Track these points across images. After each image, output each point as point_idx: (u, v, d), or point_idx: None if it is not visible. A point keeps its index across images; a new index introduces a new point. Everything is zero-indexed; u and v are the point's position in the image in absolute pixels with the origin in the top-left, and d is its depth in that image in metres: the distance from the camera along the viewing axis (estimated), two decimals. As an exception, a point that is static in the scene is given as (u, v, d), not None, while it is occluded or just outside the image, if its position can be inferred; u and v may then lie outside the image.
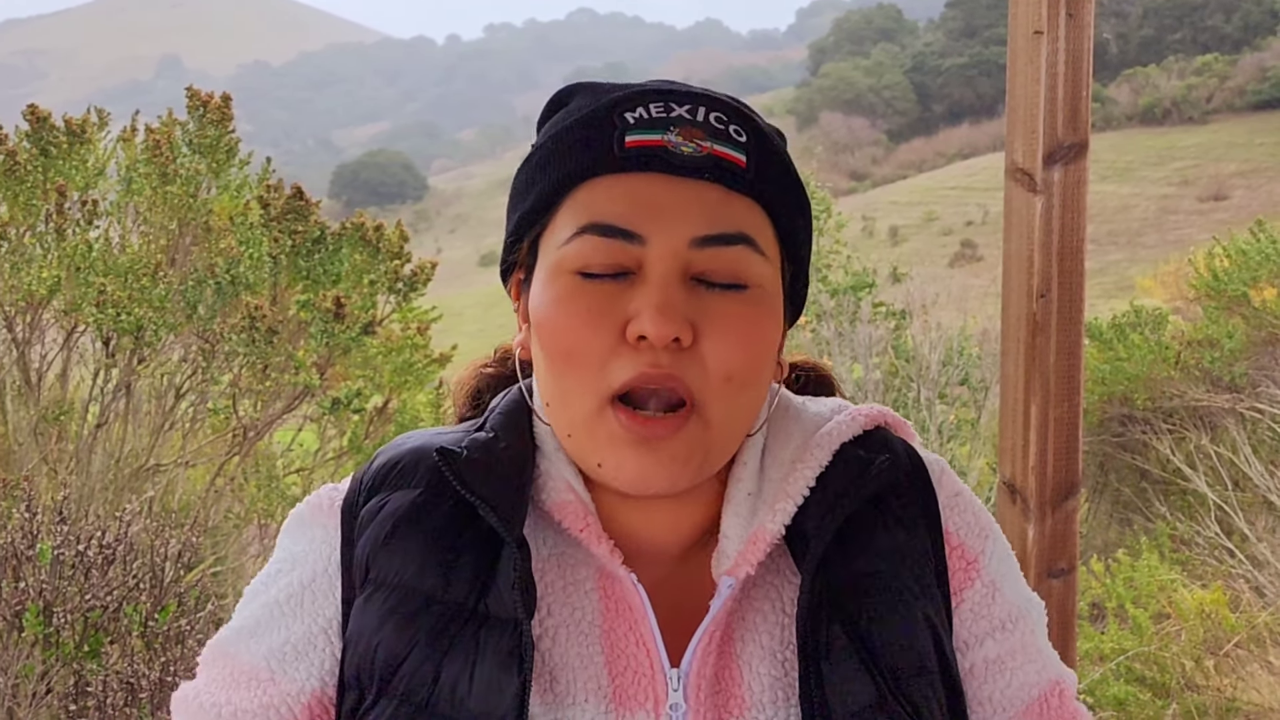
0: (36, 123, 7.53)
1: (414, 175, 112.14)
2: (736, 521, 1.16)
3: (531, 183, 1.16)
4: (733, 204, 1.11)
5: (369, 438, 7.85)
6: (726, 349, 1.08)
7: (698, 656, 1.11)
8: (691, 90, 1.16)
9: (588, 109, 1.15)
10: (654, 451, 1.08)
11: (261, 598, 1.20)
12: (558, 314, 1.09)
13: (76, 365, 7.72)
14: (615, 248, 1.09)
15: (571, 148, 1.13)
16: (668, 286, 1.07)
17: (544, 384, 1.14)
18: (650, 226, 1.08)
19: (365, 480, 1.21)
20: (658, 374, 1.06)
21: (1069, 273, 2.49)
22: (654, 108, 1.12)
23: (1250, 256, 11.92)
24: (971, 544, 1.22)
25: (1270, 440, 9.79)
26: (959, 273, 37.22)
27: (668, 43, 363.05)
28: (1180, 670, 6.72)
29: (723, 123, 1.13)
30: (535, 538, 1.17)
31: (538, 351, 1.14)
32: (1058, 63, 2.47)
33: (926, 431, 9.63)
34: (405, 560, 1.13)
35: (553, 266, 1.12)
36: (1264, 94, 57.23)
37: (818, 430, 1.20)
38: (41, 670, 4.48)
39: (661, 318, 1.05)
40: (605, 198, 1.10)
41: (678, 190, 1.09)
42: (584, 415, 1.09)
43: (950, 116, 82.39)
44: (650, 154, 1.10)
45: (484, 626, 1.10)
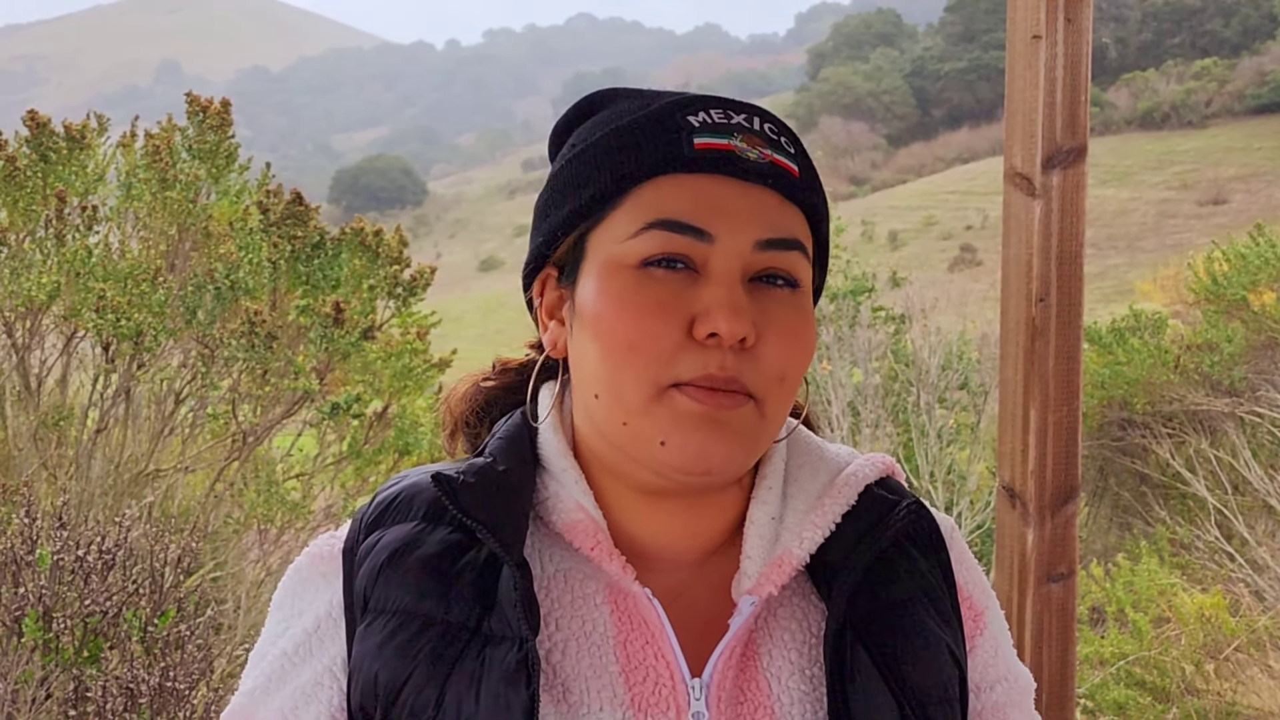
0: (36, 128, 7.53)
1: (413, 180, 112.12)
2: (760, 544, 1.18)
3: (584, 178, 1.17)
4: (787, 211, 1.16)
5: (368, 443, 7.85)
6: (783, 350, 1.12)
7: (719, 669, 1.13)
8: (742, 101, 1.20)
9: (643, 111, 1.18)
10: (721, 426, 1.10)
11: (270, 655, 1.19)
12: (622, 306, 1.11)
13: (76, 371, 7.72)
14: (684, 244, 1.11)
15: (634, 146, 1.15)
16: (735, 287, 1.11)
17: (595, 376, 1.14)
18: (719, 226, 1.12)
19: (364, 520, 1.22)
20: (723, 375, 1.09)
21: (1068, 277, 2.49)
22: (715, 113, 1.16)
23: (1249, 260, 11.93)
24: (978, 599, 1.28)
25: (1270, 444, 9.79)
26: (958, 277, 37.23)
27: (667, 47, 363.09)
28: (1180, 674, 6.72)
29: (775, 133, 1.18)
30: (540, 556, 1.18)
31: (588, 345, 1.14)
32: (1056, 67, 2.48)
33: (926, 436, 9.63)
34: (402, 586, 1.14)
35: (612, 261, 1.13)
36: (1263, 98, 57.27)
37: (840, 470, 1.24)
38: (41, 676, 4.48)
39: (736, 317, 1.09)
40: (674, 195, 1.13)
41: (744, 194, 1.13)
42: (642, 401, 1.11)
43: (949, 121, 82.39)
44: (720, 156, 1.13)
45: (488, 645, 1.10)
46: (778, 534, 1.19)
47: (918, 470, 9.50)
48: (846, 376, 10.14)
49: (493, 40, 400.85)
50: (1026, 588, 2.53)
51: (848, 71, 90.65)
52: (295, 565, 1.25)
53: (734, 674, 1.14)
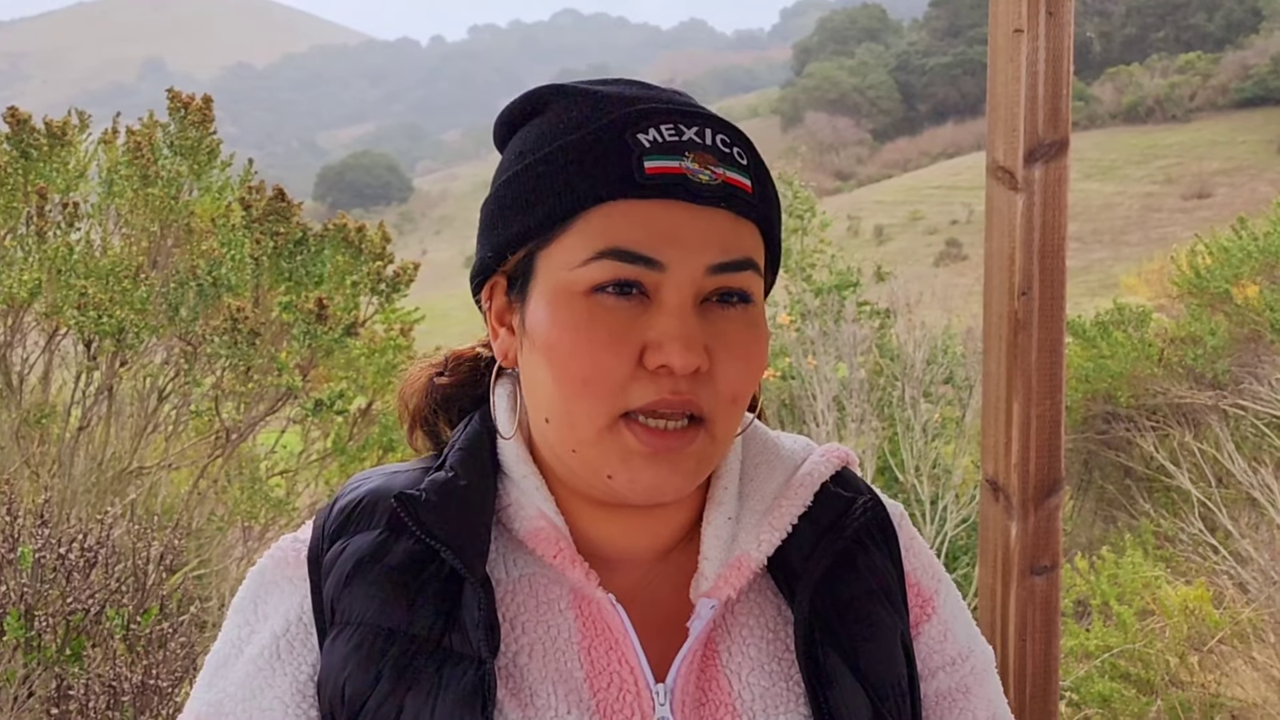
0: (16, 125, 7.49)
1: (399, 177, 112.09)
2: (717, 544, 1.18)
3: (534, 196, 1.15)
4: (740, 230, 1.13)
5: (352, 439, 7.83)
6: (736, 372, 1.11)
7: (681, 672, 1.14)
8: (692, 108, 1.17)
9: (593, 124, 1.14)
10: (668, 463, 1.10)
11: (239, 663, 1.17)
12: (575, 338, 1.10)
13: (58, 368, 7.69)
14: (635, 272, 1.09)
15: (584, 166, 1.12)
16: (687, 316, 1.09)
17: (547, 402, 1.14)
18: (671, 254, 1.09)
19: (327, 527, 1.21)
20: (678, 400, 1.09)
21: (1050, 270, 2.49)
22: (666, 130, 1.13)
23: (1233, 254, 11.96)
24: (927, 584, 1.28)
25: (1253, 437, 9.82)
26: (944, 271, 37.31)
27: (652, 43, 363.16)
28: (1164, 667, 6.74)
29: (728, 146, 1.15)
30: (504, 563, 1.18)
31: (540, 369, 1.13)
32: (1038, 60, 2.47)
33: (911, 430, 9.64)
34: (367, 598, 1.13)
35: (562, 287, 1.11)
36: (1247, 92, 57.51)
37: (796, 468, 1.24)
38: (23, 674, 4.46)
39: (688, 350, 1.07)
40: (626, 224, 1.10)
41: (696, 219, 1.11)
42: (594, 433, 1.10)
43: (935, 116, 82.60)
44: (671, 181, 1.10)
45: (446, 663, 1.10)
46: (735, 534, 1.19)
47: (903, 464, 9.51)
48: (832, 371, 10.14)
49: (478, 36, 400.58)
50: (1010, 581, 2.53)
51: (833, 67, 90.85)
52: (259, 567, 1.23)
53: (695, 675, 1.15)
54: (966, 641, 1.28)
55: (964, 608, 1.31)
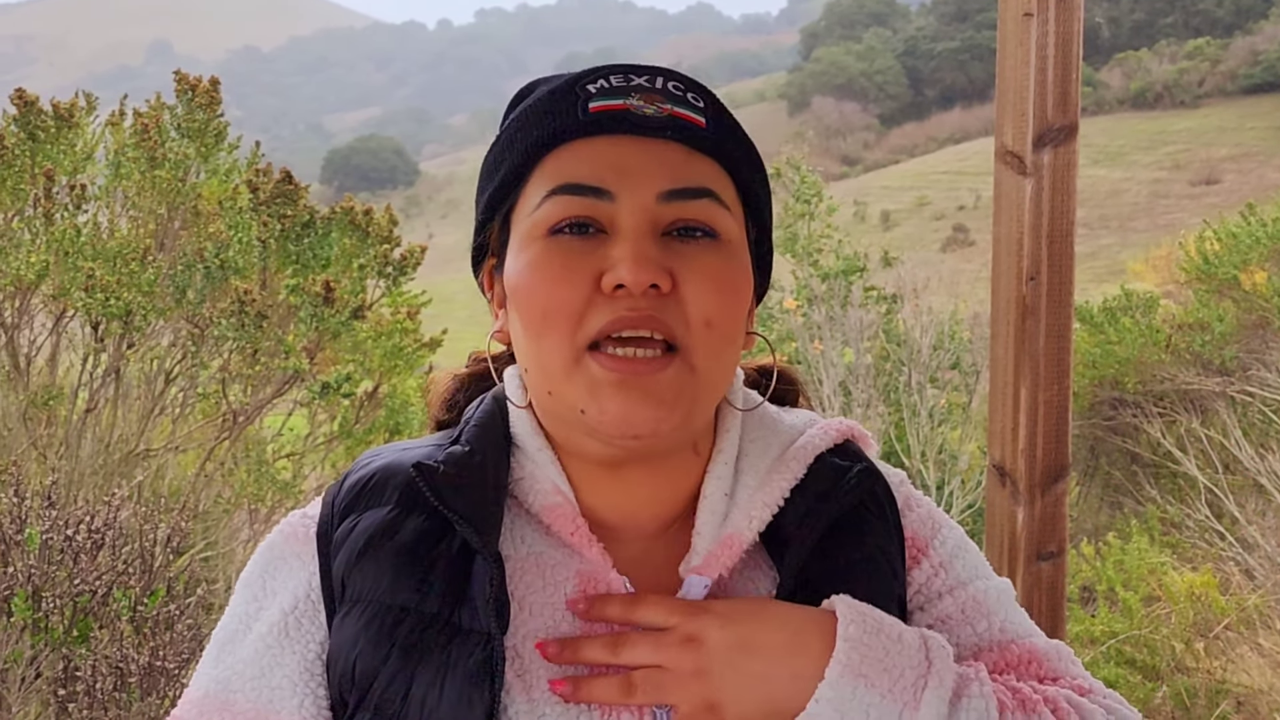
0: (24, 107, 7.49)
1: (405, 160, 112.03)
2: (711, 520, 1.18)
3: (499, 162, 1.20)
4: (695, 162, 1.15)
5: (359, 422, 7.84)
6: (705, 294, 1.11)
7: None
8: (650, 65, 1.20)
9: (549, 89, 1.20)
10: (637, 390, 1.09)
11: (247, 639, 1.18)
12: (532, 275, 1.12)
13: (65, 350, 7.69)
14: (586, 205, 1.12)
15: (537, 121, 1.17)
16: (640, 239, 1.10)
17: (523, 351, 1.15)
18: (619, 184, 1.12)
19: (337, 503, 1.21)
20: (637, 315, 1.09)
21: (1058, 255, 2.49)
22: (614, 78, 1.17)
23: (1241, 240, 11.93)
24: (922, 534, 1.27)
25: (1260, 423, 9.80)
26: (950, 257, 37.24)
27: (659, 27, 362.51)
28: (1170, 653, 6.73)
29: (680, 90, 1.18)
30: (514, 538, 1.18)
31: (515, 321, 1.15)
32: (1047, 45, 2.47)
33: (917, 416, 9.63)
34: (378, 575, 1.14)
35: (525, 234, 1.14)
36: (1255, 78, 57.29)
37: (793, 442, 1.24)
38: (30, 655, 4.47)
39: (638, 265, 1.08)
40: (573, 160, 1.14)
41: (643, 149, 1.14)
42: (562, 367, 1.11)
43: (942, 101, 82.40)
44: (614, 116, 1.14)
45: (456, 639, 1.10)
46: (729, 511, 1.19)
47: (909, 450, 9.51)
48: (838, 356, 10.13)
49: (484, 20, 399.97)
50: (1016, 566, 2.53)
51: (840, 51, 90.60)
52: (268, 542, 1.24)
53: None
54: (965, 574, 1.27)
55: (970, 549, 1.29)
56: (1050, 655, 1.24)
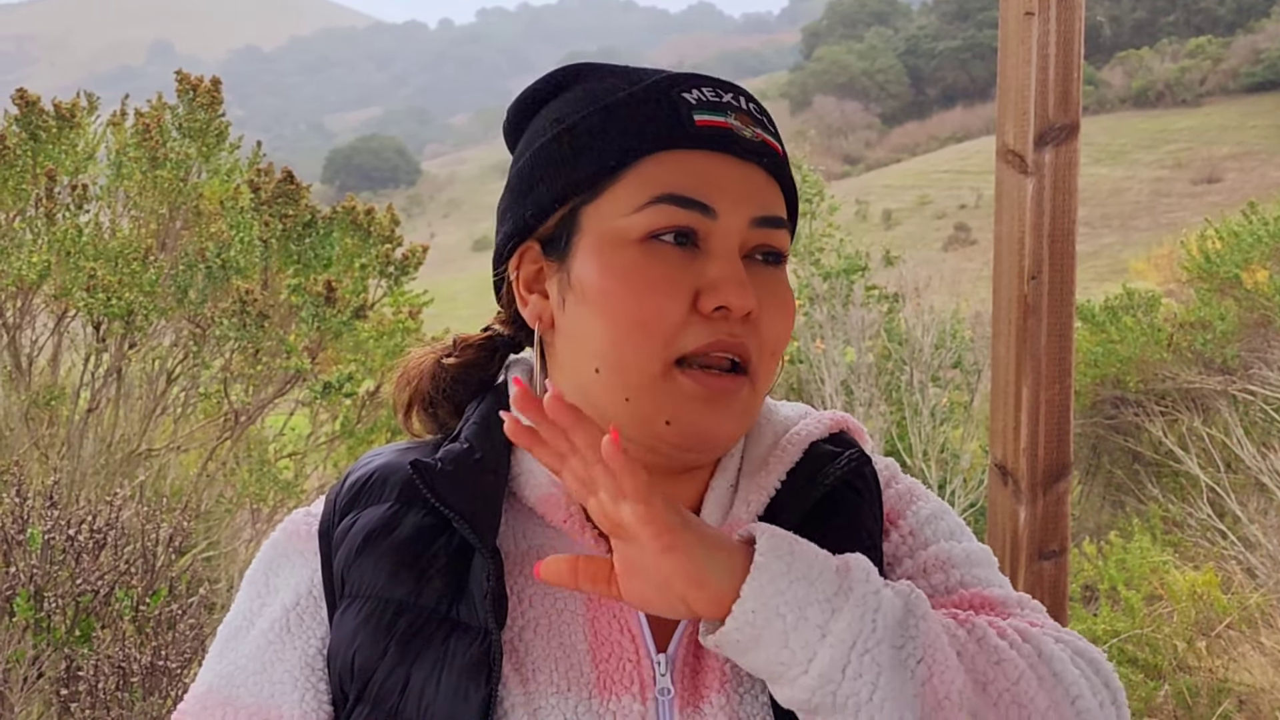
0: (25, 107, 7.49)
1: (407, 160, 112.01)
2: (716, 510, 1.21)
3: (580, 153, 1.18)
4: (773, 189, 1.19)
5: (361, 422, 7.84)
6: (777, 322, 1.17)
7: (682, 641, 1.15)
8: (727, 81, 1.23)
9: (635, 87, 1.19)
10: (723, 408, 1.13)
11: (249, 635, 1.19)
12: (629, 283, 1.13)
13: (67, 350, 7.70)
14: (690, 218, 1.14)
15: (633, 121, 1.17)
16: (737, 261, 1.14)
17: (599, 352, 1.15)
18: (721, 202, 1.14)
19: (338, 501, 1.22)
20: (734, 342, 1.13)
21: (1060, 254, 2.48)
22: (708, 91, 1.19)
23: (1242, 239, 11.94)
24: (897, 507, 1.28)
25: (1262, 422, 9.80)
26: (952, 256, 37.25)
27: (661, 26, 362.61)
28: (1172, 651, 6.74)
29: (759, 113, 1.22)
30: (514, 535, 1.19)
31: (590, 320, 1.15)
32: (1049, 44, 2.47)
33: (919, 415, 9.63)
34: (376, 570, 1.15)
35: (613, 236, 1.15)
36: (1257, 76, 57.23)
37: (788, 430, 1.26)
38: (33, 655, 4.47)
39: (744, 290, 1.12)
40: (678, 171, 1.15)
41: (740, 171, 1.16)
42: (649, 378, 1.13)
43: (944, 100, 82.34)
44: (719, 134, 1.16)
45: (454, 633, 1.11)
46: (732, 500, 1.22)
47: (910, 449, 9.51)
48: (840, 355, 10.13)
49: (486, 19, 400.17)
50: (1018, 565, 2.53)
51: (842, 50, 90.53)
52: (271, 540, 1.25)
53: (694, 644, 1.15)
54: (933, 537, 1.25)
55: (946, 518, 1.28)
56: (1009, 601, 1.21)
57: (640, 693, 1.12)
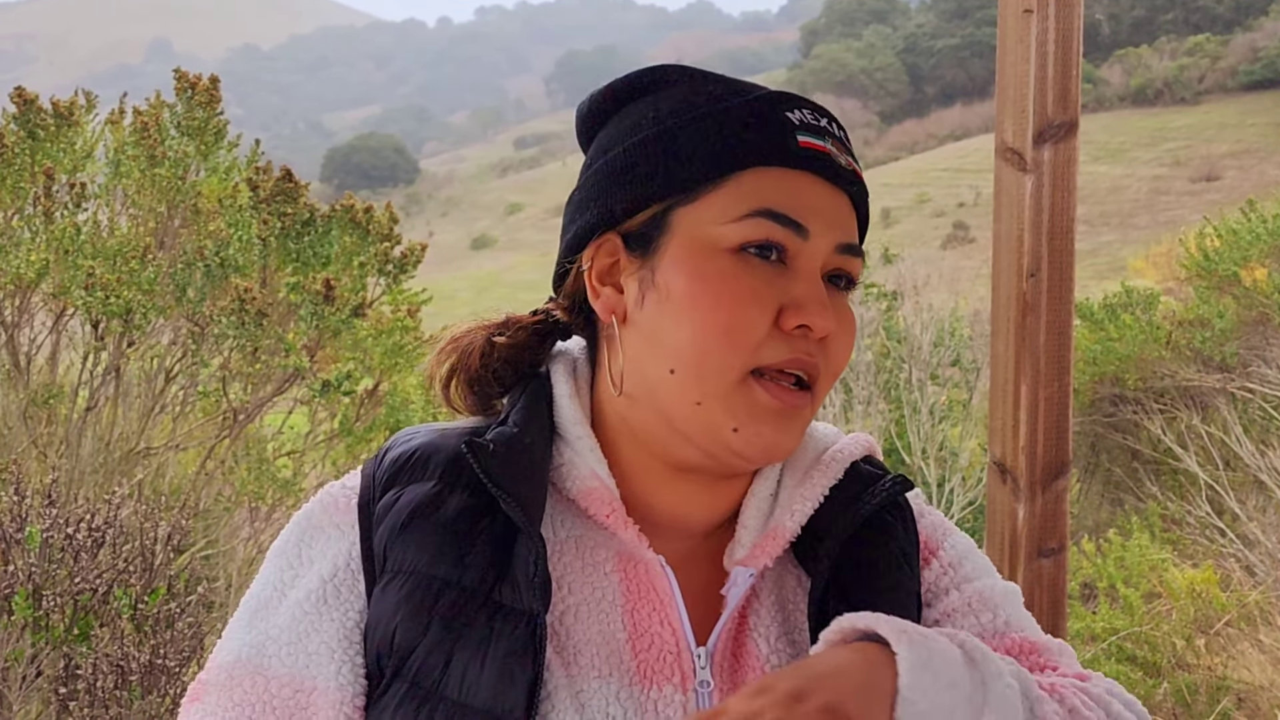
0: (23, 105, 7.49)
1: (405, 159, 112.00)
2: (756, 516, 1.23)
3: (681, 154, 1.19)
4: (854, 218, 1.23)
5: (359, 420, 7.84)
6: (844, 347, 1.20)
7: (721, 637, 1.18)
8: (820, 105, 1.25)
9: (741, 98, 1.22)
10: (789, 421, 1.16)
11: (283, 606, 1.19)
12: (720, 290, 1.15)
13: (66, 349, 7.70)
14: (783, 235, 1.16)
15: (740, 132, 1.19)
16: (820, 283, 1.18)
17: (677, 353, 1.16)
18: (815, 224, 1.17)
19: (377, 476, 1.23)
20: (808, 361, 1.16)
21: (1059, 252, 2.48)
22: (808, 114, 1.22)
23: (1241, 236, 11.95)
24: (934, 538, 1.33)
25: (1261, 420, 9.81)
26: (951, 254, 37.29)
27: (659, 25, 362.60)
28: (1171, 649, 6.74)
29: (848, 141, 1.25)
30: (553, 523, 1.21)
31: (674, 321, 1.16)
32: (1047, 41, 2.46)
33: (918, 413, 9.63)
34: (420, 548, 1.16)
35: (707, 243, 1.16)
36: (1256, 74, 57.25)
37: (828, 448, 1.29)
38: (31, 654, 4.47)
39: (826, 313, 1.15)
40: (779, 188, 1.17)
41: (832, 196, 1.20)
42: (725, 385, 1.15)
43: (942, 98, 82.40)
44: (819, 158, 1.19)
45: (498, 615, 1.13)
46: (772, 509, 1.24)
47: (909, 447, 9.51)
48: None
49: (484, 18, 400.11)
50: (1017, 563, 2.53)
51: (840, 49, 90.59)
52: (305, 511, 1.25)
53: (732, 641, 1.19)
54: (973, 573, 1.31)
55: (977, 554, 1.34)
56: (1050, 648, 1.27)
57: (681, 683, 1.15)
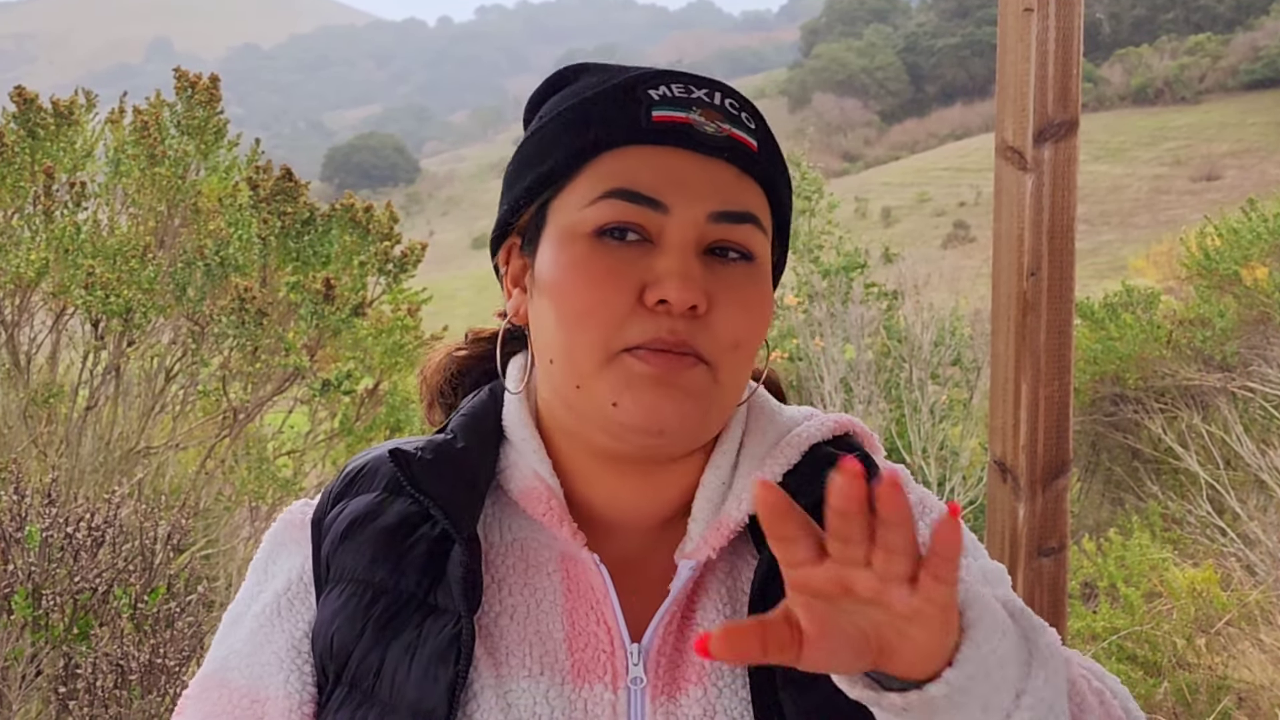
0: (23, 104, 7.49)
1: (406, 158, 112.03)
2: (706, 508, 1.20)
3: (547, 149, 1.20)
4: (743, 185, 1.17)
5: (360, 419, 7.84)
6: (736, 319, 1.14)
7: (659, 633, 1.15)
8: (706, 77, 1.22)
9: (606, 84, 1.21)
10: (668, 387, 1.11)
11: (245, 621, 1.23)
12: (577, 274, 1.13)
13: (66, 348, 7.70)
14: (639, 213, 1.13)
15: (596, 117, 1.18)
16: (688, 256, 1.13)
17: (551, 342, 1.16)
18: (674, 197, 1.14)
19: (332, 491, 1.26)
20: (673, 339, 1.11)
21: (1059, 251, 2.48)
22: (675, 87, 1.19)
23: (1242, 235, 11.95)
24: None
25: (1261, 419, 9.81)
26: (951, 253, 37.29)
27: (660, 24, 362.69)
28: (1171, 648, 6.74)
29: (735, 109, 1.20)
30: (500, 525, 1.21)
31: (546, 311, 1.16)
32: (1048, 40, 2.46)
33: (918, 412, 9.63)
34: (358, 555, 1.18)
35: (570, 228, 1.16)
36: (1256, 74, 57.27)
37: (790, 431, 1.25)
38: (30, 653, 4.47)
39: (685, 285, 1.10)
40: (633, 166, 1.15)
41: (700, 166, 1.15)
42: (594, 365, 1.13)
43: (943, 97, 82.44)
44: (677, 129, 1.16)
45: (429, 617, 1.14)
46: (724, 498, 1.20)
47: (910, 446, 9.51)
48: (839, 353, 10.13)
49: (485, 17, 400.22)
50: (1017, 562, 2.52)
51: (841, 48, 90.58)
52: (271, 531, 1.29)
53: (674, 637, 1.16)
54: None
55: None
56: None
57: (612, 681, 1.13)
